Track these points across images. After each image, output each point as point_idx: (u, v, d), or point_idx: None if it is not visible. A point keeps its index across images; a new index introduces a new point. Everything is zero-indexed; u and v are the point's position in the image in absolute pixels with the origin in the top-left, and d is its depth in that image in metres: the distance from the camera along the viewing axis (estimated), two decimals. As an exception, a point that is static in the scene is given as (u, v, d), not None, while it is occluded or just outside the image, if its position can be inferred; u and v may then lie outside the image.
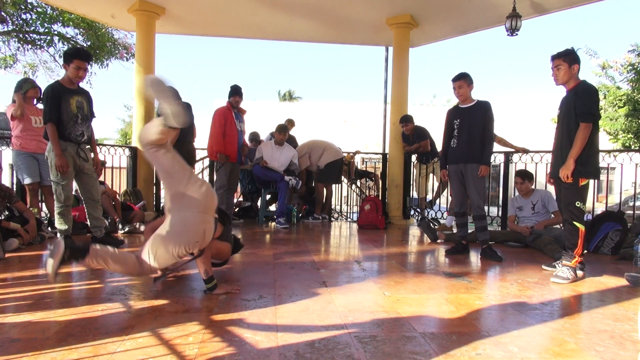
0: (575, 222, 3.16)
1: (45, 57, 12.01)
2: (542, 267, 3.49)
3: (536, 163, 5.48)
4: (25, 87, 4.66)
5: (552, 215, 4.53)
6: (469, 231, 4.26)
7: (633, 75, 12.85)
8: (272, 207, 6.94)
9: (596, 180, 3.45)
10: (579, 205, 3.15)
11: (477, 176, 3.88)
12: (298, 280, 2.89)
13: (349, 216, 7.40)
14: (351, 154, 7.31)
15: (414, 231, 5.83)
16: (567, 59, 3.16)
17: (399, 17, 6.40)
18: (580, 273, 3.17)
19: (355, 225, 6.27)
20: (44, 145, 3.75)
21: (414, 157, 6.78)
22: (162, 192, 5.28)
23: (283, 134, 6.19)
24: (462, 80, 3.91)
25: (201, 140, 6.22)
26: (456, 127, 4.00)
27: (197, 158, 6.71)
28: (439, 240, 4.84)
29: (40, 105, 4.73)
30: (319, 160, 6.47)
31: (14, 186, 5.07)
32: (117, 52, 11.84)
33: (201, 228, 2.36)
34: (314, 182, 6.87)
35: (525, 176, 4.73)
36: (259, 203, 6.69)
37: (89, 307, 2.22)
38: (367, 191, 7.89)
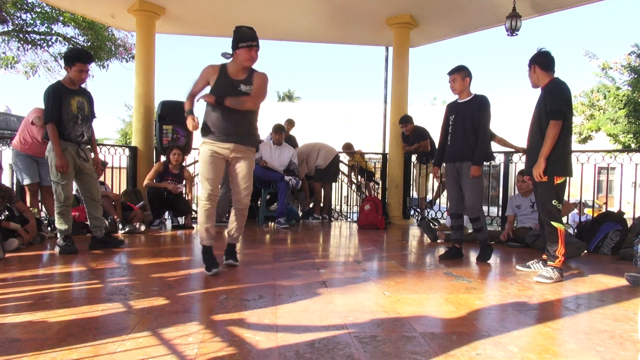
0: (552, 222, 3.15)
1: (45, 57, 12.01)
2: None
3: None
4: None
5: None
6: (469, 231, 4.24)
7: (634, 75, 12.83)
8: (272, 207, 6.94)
9: (597, 180, 3.45)
10: (555, 204, 3.14)
11: (469, 176, 3.71)
12: (298, 280, 2.89)
13: (349, 216, 7.40)
14: (357, 155, 7.31)
15: (414, 231, 5.83)
16: (538, 61, 3.24)
17: (399, 17, 6.40)
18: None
19: (355, 225, 6.27)
20: (44, 150, 3.75)
21: (413, 157, 6.78)
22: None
23: (279, 134, 6.19)
24: (457, 74, 3.73)
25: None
26: (451, 123, 3.83)
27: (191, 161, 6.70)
28: (439, 240, 4.84)
29: None
30: (317, 162, 6.47)
31: (14, 186, 5.07)
32: (117, 52, 11.84)
33: None
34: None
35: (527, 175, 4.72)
36: (259, 203, 6.69)
37: (89, 307, 2.22)
38: (365, 190, 7.87)
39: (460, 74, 3.73)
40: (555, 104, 3.09)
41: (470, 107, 3.73)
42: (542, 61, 3.23)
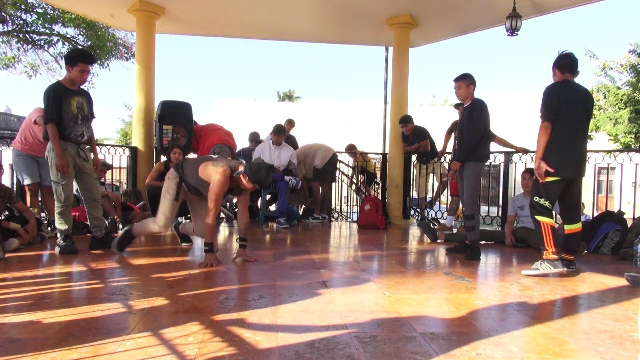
0: (535, 216, 3.32)
1: (46, 57, 12.01)
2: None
3: (536, 163, 5.46)
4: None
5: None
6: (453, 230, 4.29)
7: (633, 75, 12.82)
8: (272, 207, 6.94)
9: (597, 180, 3.49)
10: (537, 200, 3.31)
11: (466, 175, 3.92)
12: (298, 280, 2.89)
13: (349, 216, 7.40)
14: (359, 156, 7.30)
15: (414, 231, 5.83)
16: (556, 64, 3.37)
17: (399, 17, 6.40)
18: (561, 269, 3.20)
19: (355, 225, 6.27)
20: (44, 150, 3.75)
21: (414, 157, 6.78)
22: None
23: (279, 136, 6.19)
24: (461, 81, 3.94)
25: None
26: (458, 127, 4.17)
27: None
28: (439, 240, 4.84)
29: None
30: (314, 162, 6.48)
31: (14, 186, 5.07)
32: (117, 52, 11.83)
33: None
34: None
35: (533, 173, 4.72)
36: (259, 203, 6.69)
37: (89, 307, 2.23)
38: (363, 188, 7.85)
39: (465, 81, 3.94)
40: (541, 107, 3.27)
41: (466, 111, 3.97)
42: (559, 64, 3.37)
